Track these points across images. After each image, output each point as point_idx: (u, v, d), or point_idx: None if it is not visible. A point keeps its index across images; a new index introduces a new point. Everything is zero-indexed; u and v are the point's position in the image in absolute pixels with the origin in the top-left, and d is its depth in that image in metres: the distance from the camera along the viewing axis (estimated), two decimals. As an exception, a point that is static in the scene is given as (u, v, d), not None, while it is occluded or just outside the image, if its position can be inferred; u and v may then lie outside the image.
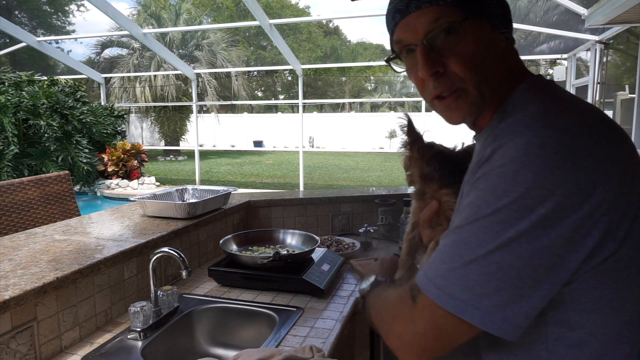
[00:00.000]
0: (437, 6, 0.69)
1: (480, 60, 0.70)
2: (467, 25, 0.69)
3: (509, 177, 0.59)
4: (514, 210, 0.58)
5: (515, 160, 0.59)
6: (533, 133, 0.60)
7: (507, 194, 0.59)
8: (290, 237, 1.90)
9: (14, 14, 18.93)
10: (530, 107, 0.66)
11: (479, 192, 0.62)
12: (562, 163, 0.58)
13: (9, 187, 2.26)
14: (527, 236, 0.58)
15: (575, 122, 0.62)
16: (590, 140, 0.60)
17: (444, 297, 0.62)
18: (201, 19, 21.38)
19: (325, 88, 26.14)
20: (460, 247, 0.62)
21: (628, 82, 7.77)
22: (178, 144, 17.58)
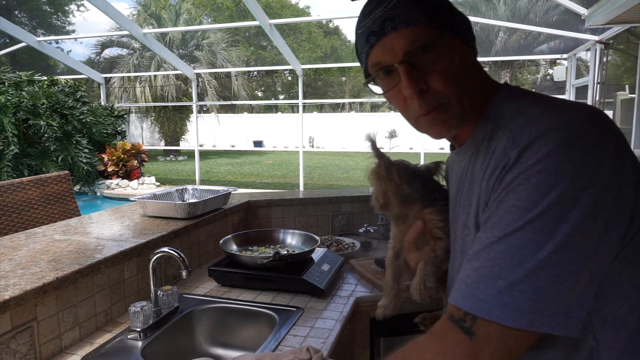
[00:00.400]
0: (413, 26, 0.70)
1: (459, 75, 0.72)
2: (443, 43, 0.71)
3: (550, 172, 0.59)
4: (564, 204, 0.58)
5: (551, 155, 0.59)
6: (555, 126, 0.61)
7: (554, 188, 0.58)
8: (290, 237, 1.90)
9: (14, 14, 18.93)
10: (531, 110, 0.66)
11: (520, 194, 0.60)
12: (594, 150, 0.59)
13: (9, 187, 2.26)
14: (581, 228, 0.57)
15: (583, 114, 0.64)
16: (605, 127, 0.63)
17: (512, 315, 0.57)
18: (201, 19, 21.38)
19: (325, 88, 26.13)
20: (515, 256, 0.59)
21: (628, 82, 7.77)
22: (178, 144, 17.58)
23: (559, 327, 0.58)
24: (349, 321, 1.45)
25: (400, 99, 0.76)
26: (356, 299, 1.55)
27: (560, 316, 0.58)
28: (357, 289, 1.64)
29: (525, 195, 0.60)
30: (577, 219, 0.57)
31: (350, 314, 1.46)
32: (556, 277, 0.57)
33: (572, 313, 0.58)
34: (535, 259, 0.58)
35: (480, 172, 0.72)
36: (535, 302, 0.57)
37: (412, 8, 0.71)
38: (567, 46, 8.18)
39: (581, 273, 0.58)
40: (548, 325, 0.57)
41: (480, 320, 0.59)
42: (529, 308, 0.57)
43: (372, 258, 1.88)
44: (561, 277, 0.57)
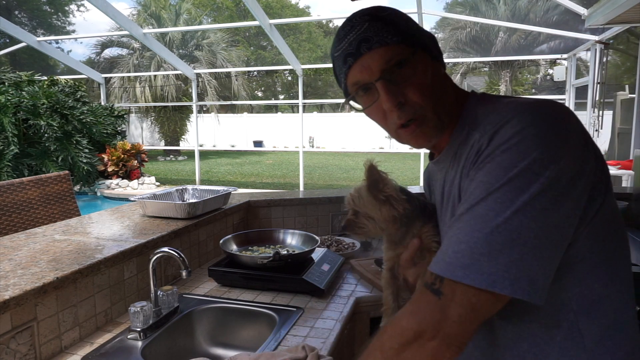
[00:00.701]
0: (387, 45, 0.76)
1: (432, 87, 0.78)
2: (415, 59, 0.77)
3: (513, 151, 0.65)
4: (524, 178, 0.63)
5: (516, 135, 0.65)
6: (522, 111, 0.68)
7: (516, 164, 0.64)
8: (290, 237, 1.90)
9: (14, 14, 18.93)
10: (499, 106, 0.73)
11: (486, 171, 0.67)
12: (557, 130, 0.65)
13: (9, 187, 2.26)
14: (540, 199, 0.62)
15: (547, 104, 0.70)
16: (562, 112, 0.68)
17: (472, 275, 0.62)
18: (201, 19, 21.38)
19: (325, 88, 26.11)
20: (477, 222, 0.64)
21: (628, 82, 7.77)
22: (178, 144, 17.58)
23: (521, 292, 0.61)
24: (349, 321, 1.45)
25: (380, 114, 0.81)
26: (356, 299, 1.55)
27: (522, 281, 0.61)
28: (357, 289, 1.64)
29: (490, 171, 0.66)
30: (537, 189, 0.62)
31: (350, 314, 1.46)
32: (512, 241, 0.61)
33: (534, 280, 0.61)
34: (492, 224, 0.63)
35: (459, 171, 0.77)
36: (494, 264, 0.61)
37: (384, 29, 0.77)
38: (567, 46, 8.18)
39: (539, 240, 0.62)
40: (509, 289, 0.61)
41: (446, 281, 0.64)
42: (488, 269, 0.61)
43: (372, 258, 1.88)
44: (518, 241, 0.61)
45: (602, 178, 0.69)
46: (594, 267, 0.69)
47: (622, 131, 6.38)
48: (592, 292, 0.69)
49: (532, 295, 0.61)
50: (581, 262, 0.69)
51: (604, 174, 0.70)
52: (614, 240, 0.72)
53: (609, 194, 0.70)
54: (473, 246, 0.63)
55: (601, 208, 0.69)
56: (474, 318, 0.63)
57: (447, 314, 0.63)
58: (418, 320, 0.65)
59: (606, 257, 0.70)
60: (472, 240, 0.63)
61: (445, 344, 0.63)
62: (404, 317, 0.68)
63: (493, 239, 0.62)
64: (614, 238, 0.72)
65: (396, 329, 0.68)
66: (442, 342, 0.63)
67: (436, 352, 0.63)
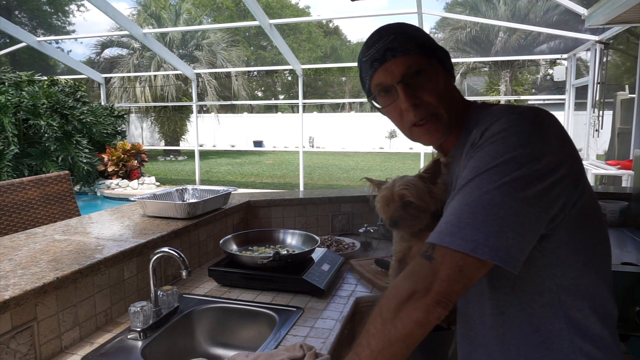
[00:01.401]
0: (408, 55, 0.91)
1: (445, 92, 0.93)
2: (431, 68, 0.91)
3: (499, 143, 0.76)
4: (508, 165, 0.74)
5: (503, 131, 0.77)
6: (510, 112, 0.80)
7: (501, 154, 0.75)
8: (290, 237, 1.90)
9: (14, 14, 18.92)
10: (495, 109, 0.85)
11: (477, 158, 0.78)
12: (538, 132, 0.77)
13: (9, 187, 2.26)
14: (520, 182, 0.72)
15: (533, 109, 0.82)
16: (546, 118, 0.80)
17: (458, 241, 0.72)
18: (201, 19, 21.37)
19: (325, 88, 26.12)
20: (465, 197, 0.75)
21: (628, 82, 7.77)
22: (178, 144, 17.57)
23: (499, 259, 0.70)
24: (349, 321, 1.45)
25: (397, 112, 0.95)
26: (356, 299, 1.55)
27: (500, 250, 0.70)
28: (357, 289, 1.64)
29: (480, 158, 0.77)
30: (518, 175, 0.72)
31: (350, 314, 1.46)
32: (494, 215, 0.71)
33: (511, 251, 0.71)
34: (477, 197, 0.73)
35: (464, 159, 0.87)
36: (476, 232, 0.71)
37: (407, 41, 0.91)
38: (567, 46, 8.17)
39: (517, 217, 0.72)
40: (489, 255, 0.70)
41: (437, 247, 0.74)
42: (471, 237, 0.71)
43: (372, 258, 1.88)
44: (498, 215, 0.71)
45: (577, 177, 0.80)
46: (574, 250, 0.81)
47: (622, 131, 6.38)
48: (573, 270, 0.81)
49: (507, 263, 0.71)
50: (564, 246, 0.80)
51: (578, 173, 0.81)
52: (591, 228, 0.83)
53: (586, 189, 0.81)
54: (460, 217, 0.74)
55: (578, 201, 0.79)
56: (460, 278, 0.72)
57: (438, 275, 0.72)
58: (412, 281, 0.74)
59: (585, 242, 0.82)
60: (460, 213, 0.74)
61: (436, 301, 0.72)
62: (399, 280, 0.77)
63: (477, 212, 0.72)
64: (591, 226, 0.83)
65: (393, 291, 0.77)
66: (433, 299, 0.72)
67: (428, 308, 0.72)
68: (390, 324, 0.74)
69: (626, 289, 1.57)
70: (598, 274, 0.83)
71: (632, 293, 1.56)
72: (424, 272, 0.73)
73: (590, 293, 0.82)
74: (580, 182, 0.80)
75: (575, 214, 0.79)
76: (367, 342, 0.77)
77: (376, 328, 0.76)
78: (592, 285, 0.82)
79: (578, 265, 0.81)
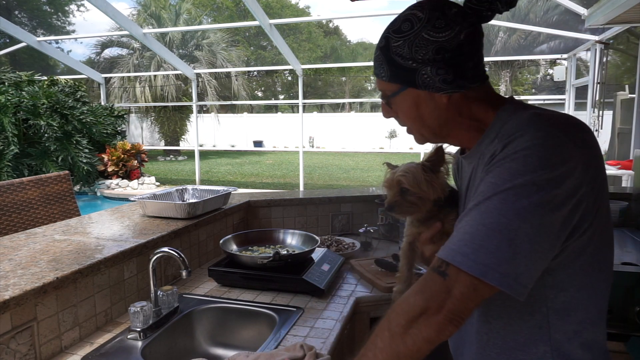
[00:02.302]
0: (380, 79, 0.92)
1: (417, 116, 0.91)
2: (402, 96, 0.90)
3: (521, 162, 0.73)
4: (527, 187, 0.71)
5: (524, 150, 0.74)
6: (535, 128, 0.75)
7: (521, 174, 0.72)
8: (290, 237, 1.90)
9: (14, 14, 18.92)
10: (523, 114, 0.81)
11: (496, 173, 0.75)
12: (560, 152, 0.73)
13: (9, 187, 2.26)
14: (539, 208, 0.70)
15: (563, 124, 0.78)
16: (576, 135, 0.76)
17: (469, 262, 0.70)
18: (201, 19, 21.37)
19: (325, 88, 26.11)
20: (483, 217, 0.73)
21: (628, 82, 7.77)
22: (178, 144, 17.57)
23: (507, 286, 0.70)
24: (349, 321, 1.45)
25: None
26: (356, 299, 1.55)
27: (510, 278, 0.69)
28: (357, 289, 1.64)
29: (498, 175, 0.74)
30: (536, 200, 0.70)
31: (350, 314, 1.46)
32: (509, 241, 0.70)
33: (520, 278, 0.70)
34: (494, 221, 0.71)
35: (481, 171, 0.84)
36: (490, 257, 0.70)
37: (382, 62, 0.90)
38: (567, 46, 8.17)
39: (531, 245, 0.70)
40: (498, 281, 0.69)
41: (451, 265, 0.72)
42: (484, 260, 0.70)
43: (372, 258, 1.88)
44: (513, 242, 0.70)
45: (596, 199, 0.76)
46: (572, 275, 0.79)
47: (622, 131, 6.38)
48: (566, 294, 0.79)
49: (515, 291, 0.70)
50: (562, 269, 0.78)
51: (598, 196, 0.77)
52: (597, 256, 0.80)
53: (600, 215, 0.78)
54: (475, 237, 0.72)
55: (589, 227, 0.77)
56: (474, 297, 0.72)
57: (451, 293, 0.71)
58: (425, 298, 0.73)
59: (585, 269, 0.79)
60: (475, 232, 0.72)
61: (448, 319, 0.71)
62: (412, 295, 0.75)
63: (493, 235, 0.70)
64: (598, 254, 0.80)
65: (404, 306, 0.75)
66: (446, 317, 0.71)
67: (440, 326, 0.71)
68: (400, 339, 0.73)
69: (626, 289, 1.57)
70: (590, 299, 0.81)
71: (632, 293, 1.57)
72: (438, 289, 0.72)
73: (579, 319, 0.81)
74: (598, 207, 0.77)
75: (584, 240, 0.77)
76: (373, 355, 0.76)
77: (384, 342, 0.75)
78: (583, 311, 0.81)
79: (572, 290, 0.80)
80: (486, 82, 0.91)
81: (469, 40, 0.85)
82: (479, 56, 0.89)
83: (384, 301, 1.57)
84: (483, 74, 0.90)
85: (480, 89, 0.90)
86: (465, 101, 0.90)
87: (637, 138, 5.06)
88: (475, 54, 0.87)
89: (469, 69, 0.87)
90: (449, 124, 0.91)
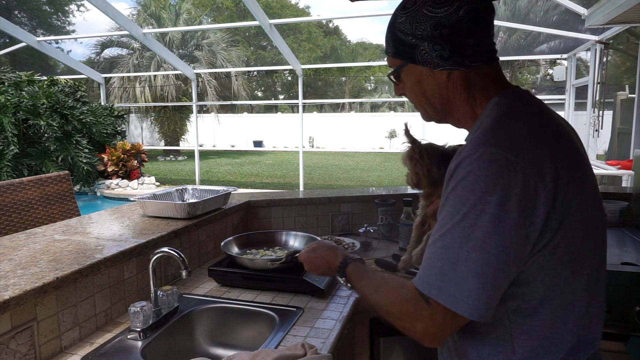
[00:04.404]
0: (388, 55, 0.96)
1: (420, 92, 0.93)
2: (406, 71, 0.93)
3: (467, 188, 0.75)
4: (475, 213, 0.74)
5: (470, 174, 0.76)
6: (483, 150, 0.76)
7: (469, 200, 0.75)
8: (292, 239, 1.89)
9: (14, 14, 18.92)
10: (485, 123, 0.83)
11: (450, 202, 0.78)
12: (507, 172, 0.73)
13: (9, 187, 2.26)
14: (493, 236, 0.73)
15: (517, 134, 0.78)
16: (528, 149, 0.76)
17: (443, 296, 0.76)
18: (201, 19, 21.37)
19: (325, 88, 26.11)
20: (447, 251, 0.76)
21: (628, 82, 7.77)
22: (178, 144, 17.57)
23: (477, 316, 0.74)
24: (349, 321, 1.45)
25: None
26: (356, 299, 1.55)
27: (480, 307, 0.74)
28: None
29: (452, 204, 0.77)
30: (490, 228, 0.73)
31: (350, 314, 1.46)
32: (473, 272, 0.73)
33: (489, 305, 0.75)
34: (456, 257, 0.75)
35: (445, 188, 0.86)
36: (458, 289, 0.74)
37: (388, 39, 0.94)
38: (567, 46, 8.17)
39: (496, 271, 0.74)
40: (468, 313, 0.74)
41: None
42: (454, 293, 0.74)
43: (372, 258, 1.88)
44: (477, 272, 0.73)
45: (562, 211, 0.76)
46: (533, 289, 0.79)
47: (622, 131, 6.38)
48: (528, 307, 0.80)
49: (483, 318, 0.75)
50: (523, 284, 0.79)
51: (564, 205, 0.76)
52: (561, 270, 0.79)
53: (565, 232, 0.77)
54: (444, 271, 0.76)
55: (550, 241, 0.76)
56: (453, 324, 0.78)
57: (434, 319, 0.78)
58: (413, 319, 0.81)
59: (548, 282, 0.79)
60: (443, 266, 0.76)
61: (428, 339, 0.80)
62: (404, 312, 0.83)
63: (458, 268, 0.74)
64: (562, 266, 0.79)
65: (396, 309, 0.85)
66: (428, 337, 0.80)
67: (420, 340, 0.80)
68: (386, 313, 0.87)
69: (626, 289, 1.57)
70: (554, 313, 0.80)
71: (632, 293, 1.57)
72: (423, 315, 0.79)
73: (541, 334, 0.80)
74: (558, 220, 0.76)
75: (546, 254, 0.77)
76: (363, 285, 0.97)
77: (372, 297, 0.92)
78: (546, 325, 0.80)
79: (533, 303, 0.80)
80: (493, 63, 0.89)
81: (470, 16, 0.84)
82: (483, 34, 0.86)
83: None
84: (487, 54, 0.88)
85: (485, 72, 0.88)
86: (465, 81, 0.89)
87: (637, 138, 5.06)
88: (476, 31, 0.85)
89: (469, 46, 0.85)
90: (450, 103, 0.92)
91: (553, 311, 0.80)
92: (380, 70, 25.43)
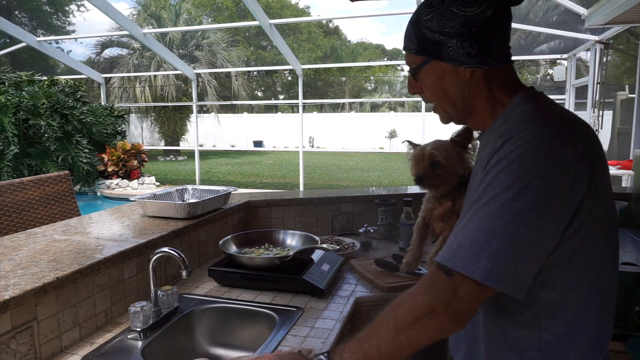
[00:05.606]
0: (408, 51, 0.95)
1: (441, 90, 0.93)
2: (427, 68, 0.93)
3: (516, 163, 0.75)
4: (520, 186, 0.73)
5: (519, 148, 0.76)
6: (534, 127, 0.78)
7: (516, 175, 0.74)
8: (290, 237, 1.90)
9: (14, 14, 18.92)
10: (526, 109, 0.84)
11: (493, 175, 0.77)
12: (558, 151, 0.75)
13: (9, 187, 2.26)
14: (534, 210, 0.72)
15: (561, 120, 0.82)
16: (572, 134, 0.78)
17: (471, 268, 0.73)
18: (201, 19, 21.37)
19: (325, 88, 26.11)
20: (482, 222, 0.75)
21: (628, 82, 7.77)
22: (178, 144, 17.57)
23: (507, 288, 0.72)
24: (349, 321, 1.45)
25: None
26: (356, 299, 1.55)
27: (509, 279, 0.72)
28: (357, 289, 1.64)
29: (495, 177, 0.77)
30: (531, 201, 0.72)
31: (350, 314, 1.46)
32: (508, 244, 0.72)
33: (519, 279, 0.73)
34: (491, 224, 0.74)
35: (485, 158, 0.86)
36: (490, 261, 0.72)
37: (410, 35, 0.94)
38: (567, 46, 8.17)
39: (529, 247, 0.73)
40: (499, 284, 0.72)
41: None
42: (484, 265, 0.72)
43: (372, 258, 1.88)
44: (512, 245, 0.72)
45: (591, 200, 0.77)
46: (562, 274, 0.80)
47: (622, 131, 6.38)
48: (557, 293, 0.81)
49: (514, 292, 0.73)
50: (553, 268, 0.79)
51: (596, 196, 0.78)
52: (590, 257, 0.81)
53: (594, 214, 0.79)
54: (475, 243, 0.74)
55: (581, 226, 0.78)
56: (478, 298, 0.75)
57: (457, 293, 0.74)
58: (432, 297, 0.76)
59: (576, 268, 0.80)
60: (474, 237, 0.74)
61: (453, 319, 0.75)
62: (420, 294, 0.78)
63: (492, 239, 0.73)
64: (591, 255, 0.81)
65: (411, 304, 0.78)
66: (451, 317, 0.74)
67: (444, 326, 0.75)
68: (404, 334, 0.77)
69: (626, 289, 1.57)
70: (580, 301, 0.81)
71: (632, 293, 1.57)
72: (444, 289, 0.75)
73: (567, 319, 0.81)
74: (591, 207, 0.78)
75: (576, 240, 0.78)
76: (377, 344, 0.79)
77: (389, 334, 0.78)
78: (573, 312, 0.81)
79: (561, 290, 0.81)
80: (510, 65, 0.92)
81: (497, 17, 0.87)
82: (505, 36, 0.90)
83: (384, 301, 1.57)
84: (507, 56, 0.91)
85: (504, 72, 0.92)
86: (487, 80, 0.91)
87: (637, 138, 5.06)
88: (500, 32, 0.89)
89: (494, 46, 0.88)
90: (472, 101, 0.93)
91: (579, 297, 0.81)
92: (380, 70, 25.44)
